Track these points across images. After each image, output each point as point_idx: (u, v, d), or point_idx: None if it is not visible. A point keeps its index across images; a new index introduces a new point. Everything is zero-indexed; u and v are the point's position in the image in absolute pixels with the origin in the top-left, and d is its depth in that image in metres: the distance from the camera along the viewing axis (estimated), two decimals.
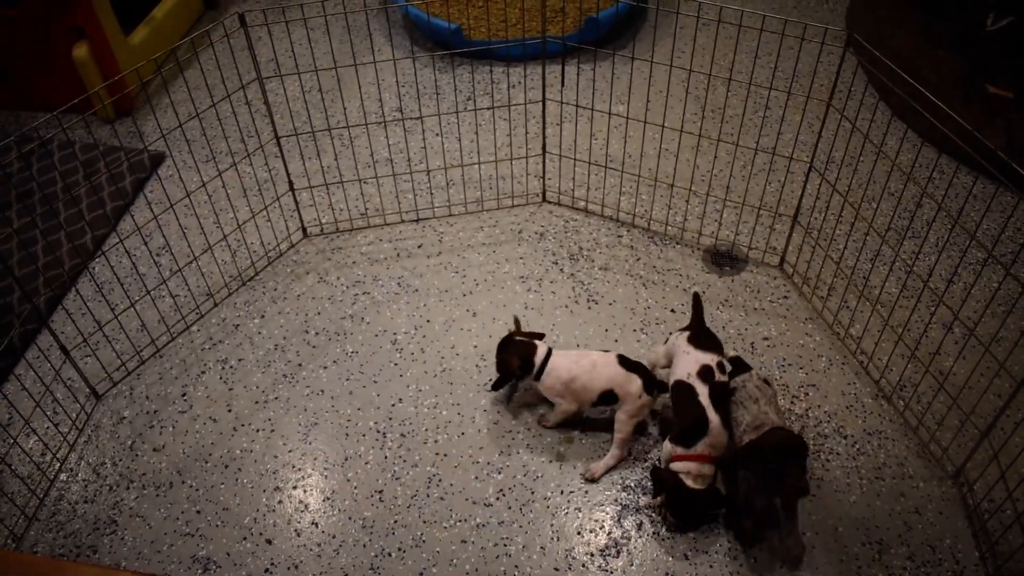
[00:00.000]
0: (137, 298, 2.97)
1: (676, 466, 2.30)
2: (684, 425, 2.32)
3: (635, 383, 2.44)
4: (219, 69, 2.83)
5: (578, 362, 2.49)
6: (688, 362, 2.40)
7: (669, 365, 2.52)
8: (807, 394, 2.68)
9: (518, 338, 2.56)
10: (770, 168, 3.32)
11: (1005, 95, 3.36)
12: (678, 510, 2.32)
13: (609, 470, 2.50)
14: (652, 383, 2.48)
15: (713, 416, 2.30)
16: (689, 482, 2.28)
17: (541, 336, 2.61)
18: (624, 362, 2.48)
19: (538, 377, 2.51)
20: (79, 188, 3.37)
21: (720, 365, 2.39)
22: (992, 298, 2.51)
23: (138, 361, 2.83)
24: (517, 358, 2.51)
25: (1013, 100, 3.33)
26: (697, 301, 2.59)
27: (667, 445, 2.34)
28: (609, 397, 2.47)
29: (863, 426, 2.60)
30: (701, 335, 2.49)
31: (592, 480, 2.49)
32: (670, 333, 2.60)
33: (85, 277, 3.08)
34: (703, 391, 2.33)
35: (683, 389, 2.36)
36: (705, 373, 2.36)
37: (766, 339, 2.83)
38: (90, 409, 2.71)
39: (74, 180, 3.41)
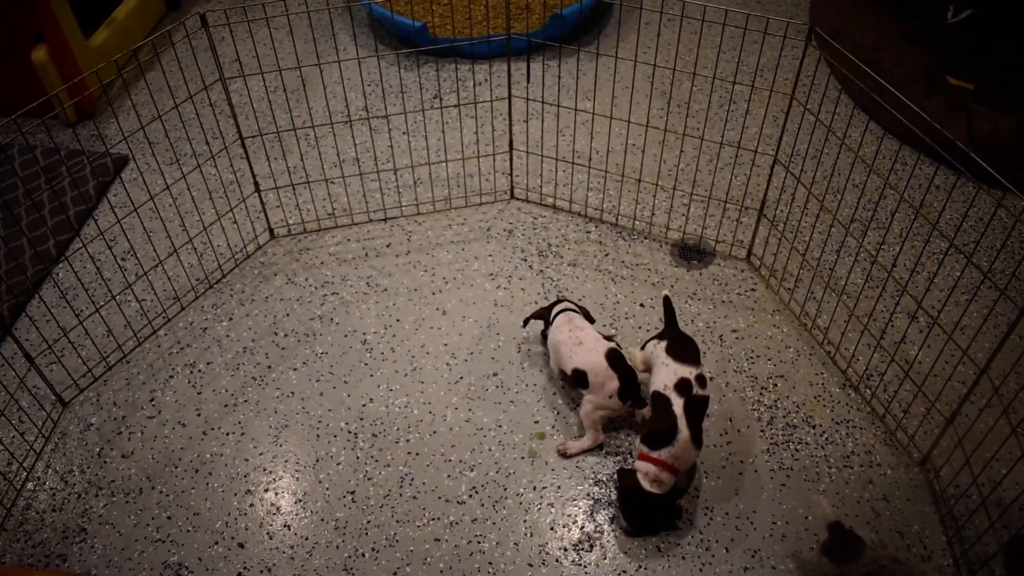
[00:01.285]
0: (102, 303, 2.94)
1: (637, 464, 2.31)
2: (653, 427, 2.33)
3: (612, 384, 2.45)
4: (181, 70, 2.81)
5: (571, 333, 2.54)
6: (667, 374, 2.36)
7: (647, 371, 2.52)
8: (776, 385, 2.70)
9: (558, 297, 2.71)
10: (736, 162, 3.35)
11: (966, 87, 3.41)
12: (628, 509, 2.33)
13: (583, 452, 2.52)
14: (631, 392, 2.47)
15: (683, 429, 2.27)
16: (646, 484, 2.28)
17: (592, 320, 2.70)
18: (613, 360, 2.46)
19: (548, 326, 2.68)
20: (41, 193, 3.33)
21: (699, 378, 2.34)
22: (954, 287, 2.55)
23: (105, 367, 2.80)
24: (546, 309, 2.71)
25: (973, 92, 3.38)
26: (668, 305, 2.55)
27: (637, 443, 2.35)
28: (582, 380, 2.48)
29: (831, 415, 2.63)
30: (679, 344, 2.43)
31: (564, 455, 2.52)
32: (648, 340, 2.56)
33: (49, 283, 3.05)
34: (679, 403, 2.30)
35: (660, 400, 2.34)
36: (682, 386, 2.32)
37: (734, 331, 2.85)
38: (56, 417, 2.68)
39: (36, 185, 3.37)
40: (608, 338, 2.55)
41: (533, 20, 3.94)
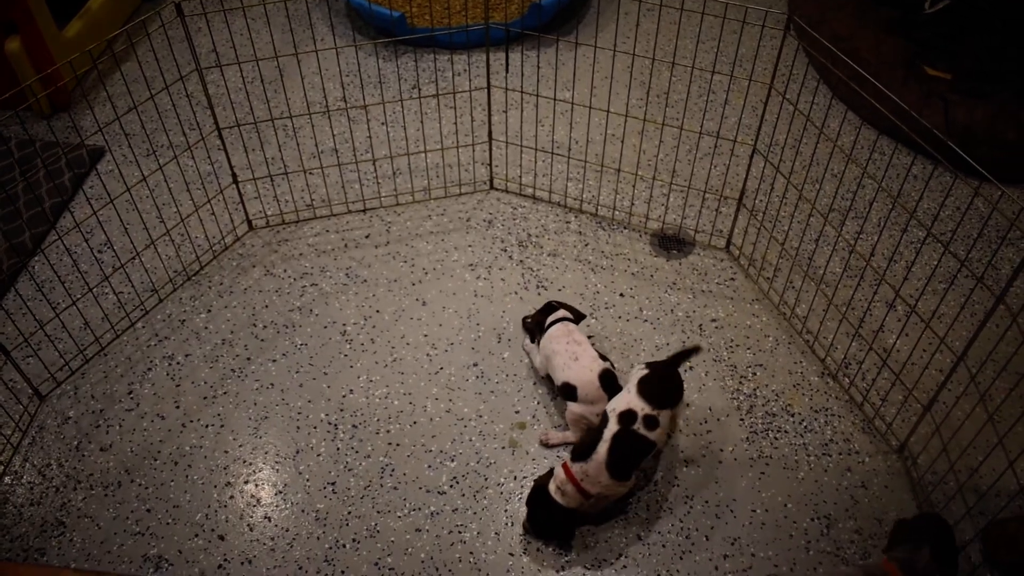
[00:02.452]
0: (79, 296, 2.91)
1: (556, 468, 2.30)
2: (581, 440, 2.33)
3: (602, 404, 2.42)
4: (157, 61, 2.78)
5: (568, 346, 2.51)
6: (622, 399, 2.29)
7: None
8: (755, 374, 2.72)
9: (553, 303, 2.68)
10: (715, 151, 3.35)
11: (943, 76, 3.43)
12: (530, 504, 2.31)
13: (566, 444, 2.52)
14: None
15: (601, 453, 2.22)
16: (552, 487, 2.27)
17: (581, 316, 2.69)
18: (605, 381, 2.43)
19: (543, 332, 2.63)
20: (15, 185, 3.30)
21: (648, 418, 2.23)
22: (932, 275, 2.57)
23: (82, 360, 2.78)
24: (540, 315, 2.67)
25: (950, 81, 3.40)
26: (689, 352, 2.40)
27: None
28: (571, 393, 2.48)
29: (810, 404, 2.64)
30: (654, 380, 2.30)
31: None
32: (644, 362, 2.40)
33: (24, 276, 3.02)
34: (612, 429, 2.24)
35: (603, 418, 2.30)
36: (626, 416, 2.24)
37: (714, 321, 2.86)
38: (33, 410, 2.65)
39: (10, 177, 3.33)
40: (603, 358, 2.52)
41: (512, 9, 3.93)
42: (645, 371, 2.32)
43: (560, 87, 3.69)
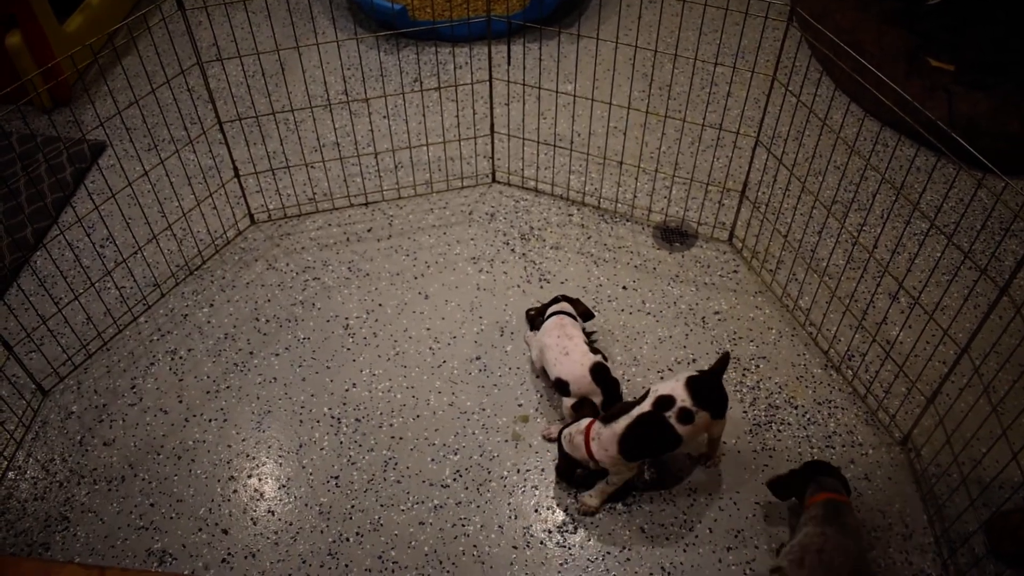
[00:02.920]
0: (81, 291, 2.91)
1: (581, 422, 2.36)
2: (615, 406, 2.34)
3: (595, 398, 2.47)
4: (158, 55, 2.77)
5: (559, 340, 2.51)
6: (668, 385, 2.27)
7: None
8: (758, 366, 2.71)
9: (559, 297, 2.69)
10: (717, 144, 3.35)
11: (946, 68, 3.42)
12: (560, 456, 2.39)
13: None
14: (613, 404, 2.48)
15: (620, 424, 2.23)
16: (565, 430, 2.35)
17: (590, 315, 2.71)
18: (597, 374, 2.44)
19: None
20: (17, 180, 3.29)
21: (684, 412, 2.22)
22: (935, 267, 2.56)
23: (85, 355, 2.78)
24: (543, 308, 2.69)
25: (954, 73, 3.39)
26: (723, 361, 2.33)
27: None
28: (564, 388, 2.48)
29: (813, 396, 2.64)
30: (705, 383, 2.27)
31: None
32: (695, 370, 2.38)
33: (27, 271, 3.02)
34: (643, 408, 2.24)
35: (643, 394, 2.31)
36: (662, 402, 2.23)
37: (717, 313, 2.85)
38: (37, 405, 2.66)
39: (12, 172, 3.33)
40: (595, 350, 2.52)
41: (513, 2, 3.92)
42: (689, 376, 2.29)
43: (562, 79, 3.68)
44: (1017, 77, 3.34)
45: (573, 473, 2.39)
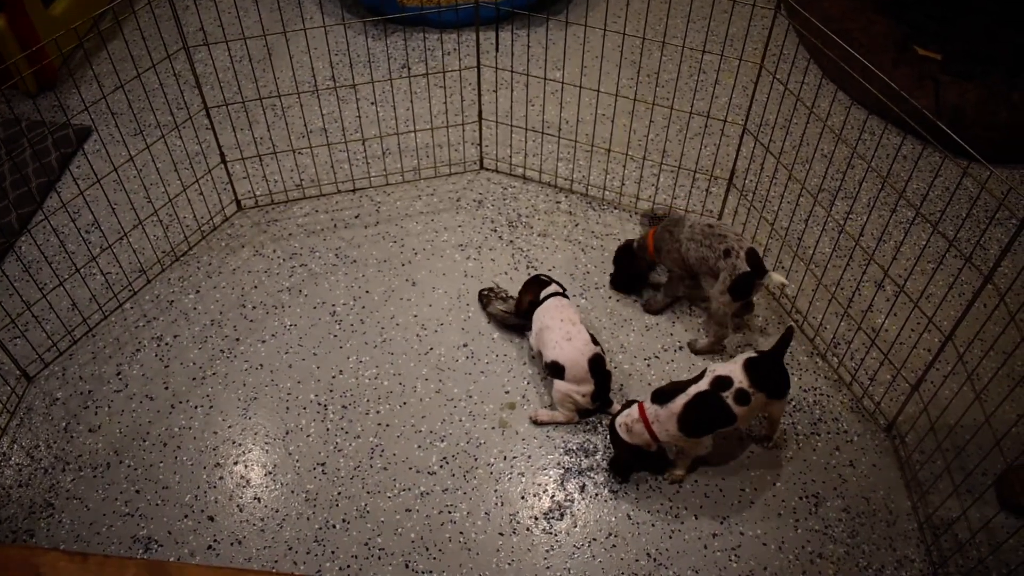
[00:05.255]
0: (66, 276, 2.90)
1: (631, 407, 2.34)
2: (667, 385, 2.35)
3: (587, 386, 2.48)
4: (144, 39, 2.75)
5: (562, 325, 2.53)
6: (727, 366, 2.30)
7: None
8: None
9: (542, 277, 2.69)
10: (705, 131, 3.35)
11: (933, 57, 3.42)
12: (611, 437, 2.39)
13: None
14: (602, 396, 2.52)
15: (678, 404, 2.26)
16: (618, 422, 2.34)
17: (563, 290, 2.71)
18: (595, 365, 2.48)
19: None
20: (2, 165, 3.27)
21: (740, 393, 2.24)
22: (920, 255, 2.57)
23: (70, 341, 2.77)
24: (533, 291, 2.66)
25: (941, 62, 3.39)
26: (786, 339, 2.33)
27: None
28: (558, 372, 2.49)
29: (799, 383, 2.65)
30: (764, 366, 2.29)
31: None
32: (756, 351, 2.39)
33: (11, 257, 3.00)
34: (700, 386, 2.27)
35: (701, 374, 2.33)
36: (720, 382, 2.27)
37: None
38: (21, 391, 2.64)
39: None
40: (595, 341, 2.54)
41: None
42: (755, 354, 2.32)
43: (550, 67, 3.67)
44: (1004, 67, 3.35)
45: (632, 467, 2.40)
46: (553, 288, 2.65)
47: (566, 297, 2.64)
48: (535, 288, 2.67)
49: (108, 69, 3.69)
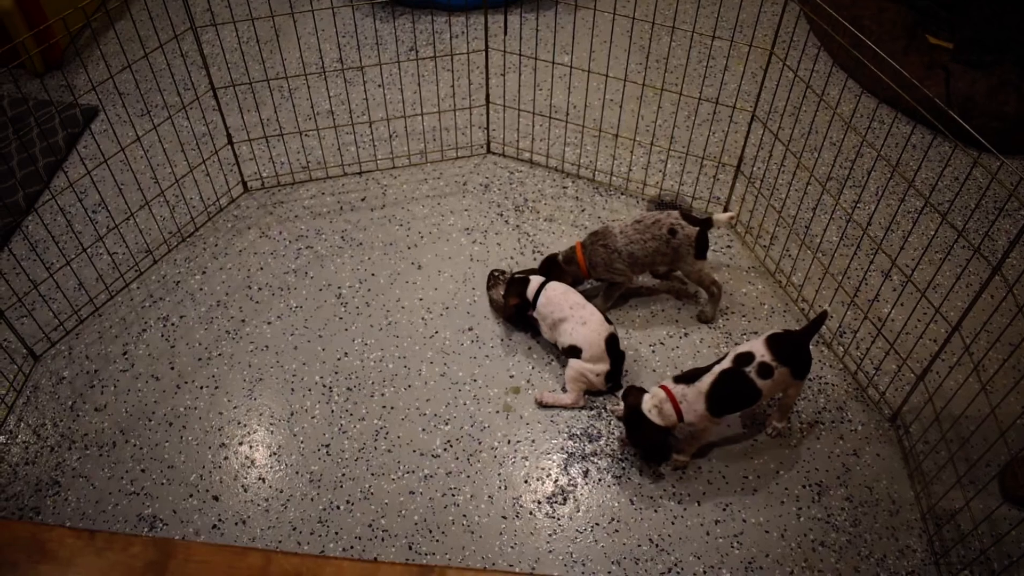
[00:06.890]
0: (73, 256, 2.90)
1: (653, 389, 2.33)
2: (690, 369, 2.35)
3: (602, 366, 2.50)
4: (151, 19, 2.75)
5: (572, 311, 2.54)
6: (750, 344, 2.32)
7: None
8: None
9: (518, 276, 2.67)
10: (713, 118, 3.33)
11: (945, 46, 3.40)
12: (628, 427, 2.36)
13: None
14: (615, 377, 2.54)
15: (706, 381, 2.28)
16: (646, 406, 2.31)
17: (533, 272, 2.70)
18: (610, 345, 2.51)
19: (534, 307, 2.61)
20: (9, 144, 3.27)
21: (763, 366, 2.26)
22: (928, 245, 2.56)
23: (76, 320, 2.77)
24: (516, 297, 2.63)
25: (952, 50, 3.37)
26: (819, 322, 2.36)
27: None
28: (575, 353, 2.51)
29: None
30: (786, 340, 2.31)
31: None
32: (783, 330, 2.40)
33: (18, 236, 3.00)
34: (725, 364, 2.29)
35: (724, 355, 2.35)
36: (742, 358, 2.29)
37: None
38: (28, 370, 2.65)
39: (3, 136, 3.30)
40: (609, 320, 2.56)
41: None
42: (779, 331, 2.35)
43: (559, 51, 3.65)
44: (1015, 55, 3.33)
45: (663, 449, 2.41)
46: (536, 279, 2.64)
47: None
48: (518, 288, 2.64)
49: (115, 49, 3.68)
